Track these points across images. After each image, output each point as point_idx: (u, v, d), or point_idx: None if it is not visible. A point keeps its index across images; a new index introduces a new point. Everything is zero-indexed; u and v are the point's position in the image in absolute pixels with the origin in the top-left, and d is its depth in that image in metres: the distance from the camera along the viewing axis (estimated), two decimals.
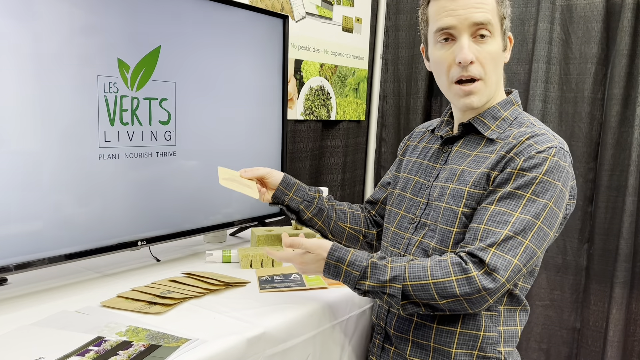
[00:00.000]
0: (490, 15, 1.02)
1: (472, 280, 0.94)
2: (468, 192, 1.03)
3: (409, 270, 0.98)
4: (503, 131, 1.07)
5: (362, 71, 2.39)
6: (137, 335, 0.93)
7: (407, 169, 1.22)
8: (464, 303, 0.96)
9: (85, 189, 1.17)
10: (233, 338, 0.94)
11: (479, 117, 1.08)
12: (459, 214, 1.04)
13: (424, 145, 1.22)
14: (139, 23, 1.22)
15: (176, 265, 1.35)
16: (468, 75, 1.04)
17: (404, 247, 1.12)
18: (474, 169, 1.05)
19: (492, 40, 1.03)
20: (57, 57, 1.09)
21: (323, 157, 2.24)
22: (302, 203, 1.25)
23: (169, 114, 1.31)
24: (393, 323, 1.11)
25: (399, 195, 1.20)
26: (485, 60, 1.03)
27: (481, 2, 1.02)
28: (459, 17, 1.02)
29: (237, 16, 1.46)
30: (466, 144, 1.10)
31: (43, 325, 0.96)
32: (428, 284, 0.96)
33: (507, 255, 0.96)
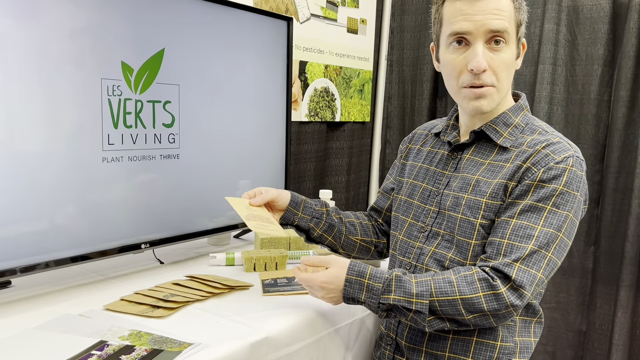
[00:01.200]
0: (507, 22, 1.00)
1: (501, 297, 0.94)
2: (486, 203, 1.02)
3: (435, 285, 0.97)
4: (516, 138, 1.05)
5: (367, 72, 2.39)
6: (139, 339, 0.93)
7: (413, 174, 1.19)
8: (490, 318, 0.96)
9: (89, 192, 1.17)
10: (236, 343, 0.94)
11: (491, 124, 1.07)
12: (477, 226, 1.02)
13: (429, 149, 1.19)
14: (143, 26, 1.22)
15: (180, 267, 1.35)
16: (480, 84, 1.02)
17: (415, 257, 1.10)
18: (490, 179, 1.03)
19: (507, 48, 1.01)
20: (62, 59, 1.09)
21: (328, 159, 2.23)
22: (311, 221, 1.23)
23: (172, 117, 1.31)
24: (405, 334, 1.10)
25: (406, 202, 1.18)
26: (499, 68, 1.01)
27: (499, 9, 0.99)
28: (476, 23, 0.99)
29: (242, 18, 1.46)
30: (478, 152, 1.08)
31: (46, 329, 0.96)
32: (456, 299, 0.95)
33: (532, 269, 0.96)
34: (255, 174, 1.57)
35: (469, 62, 1.00)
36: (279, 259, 1.35)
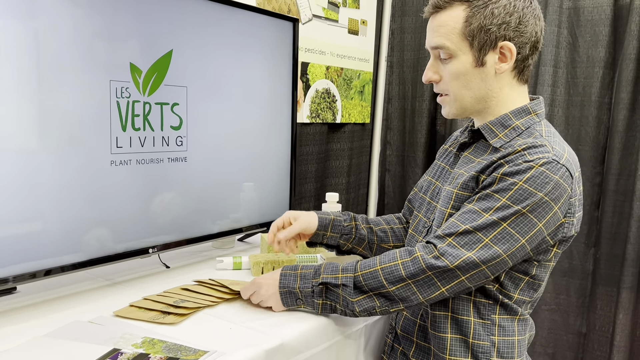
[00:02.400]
0: (444, 38, 1.04)
1: (416, 259, 0.98)
2: (456, 194, 1.06)
3: (361, 263, 1.04)
4: (509, 140, 1.06)
5: (367, 74, 2.38)
6: (153, 347, 0.91)
7: (432, 172, 1.25)
8: (412, 287, 0.99)
9: (98, 196, 1.15)
10: (252, 350, 0.92)
11: (489, 124, 1.09)
12: (446, 216, 1.07)
13: (448, 148, 1.25)
14: (151, 27, 1.20)
15: (186, 272, 1.33)
16: (436, 92, 1.13)
17: None
18: (468, 172, 1.07)
19: (455, 60, 1.05)
20: (71, 61, 1.07)
21: (328, 160, 2.22)
22: (340, 238, 1.27)
23: (180, 119, 1.29)
24: (400, 323, 1.15)
25: (421, 198, 1.23)
26: (447, 78, 1.07)
27: (439, 25, 1.05)
28: (426, 40, 1.10)
29: (247, 19, 1.44)
30: (475, 151, 1.12)
31: (56, 337, 0.94)
32: (376, 270, 1.01)
33: (462, 248, 0.97)
34: (261, 176, 1.55)
35: None
36: (287, 263, 1.33)
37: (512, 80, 1.08)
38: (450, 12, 1.04)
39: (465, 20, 1.02)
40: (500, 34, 1.03)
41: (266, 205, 1.59)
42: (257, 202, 1.55)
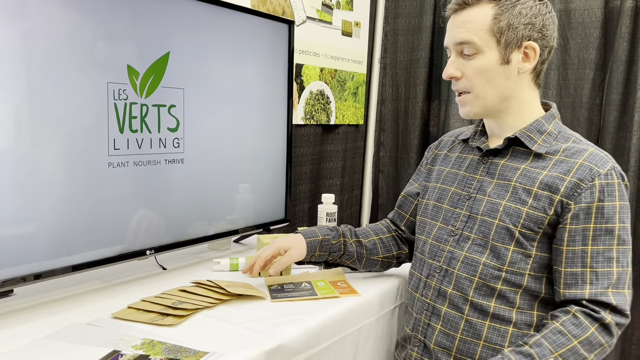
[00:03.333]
0: (472, 34, 1.05)
1: (610, 326, 0.98)
2: (527, 213, 1.04)
3: (549, 341, 0.98)
4: (550, 145, 1.08)
5: (361, 75, 2.39)
6: (153, 348, 0.91)
7: (441, 179, 1.21)
8: (607, 349, 0.99)
9: (95, 198, 1.15)
10: (251, 351, 0.93)
11: (525, 131, 1.09)
12: (516, 234, 1.05)
13: (457, 155, 1.22)
14: (148, 28, 1.21)
15: (183, 273, 1.33)
16: (455, 89, 1.12)
17: (446, 261, 1.12)
18: (529, 187, 1.05)
19: (481, 56, 1.06)
20: (68, 63, 1.07)
21: (323, 162, 2.23)
22: (329, 255, 1.27)
23: (177, 121, 1.29)
24: (434, 337, 1.11)
25: (435, 207, 1.19)
26: (470, 75, 1.08)
27: (465, 21, 1.07)
28: (448, 37, 1.11)
29: (243, 21, 1.44)
30: (512, 158, 1.10)
31: (55, 339, 0.94)
32: (575, 346, 0.97)
33: (624, 290, 1.00)
34: (257, 178, 1.56)
35: None
36: None
37: (531, 82, 1.10)
38: (478, 9, 1.06)
39: (494, 18, 1.04)
40: (526, 33, 1.05)
41: (262, 206, 1.59)
42: (252, 204, 1.56)
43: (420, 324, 1.14)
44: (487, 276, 1.06)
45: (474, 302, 1.07)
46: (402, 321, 1.34)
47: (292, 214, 2.04)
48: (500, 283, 1.06)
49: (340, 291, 1.23)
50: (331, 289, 1.24)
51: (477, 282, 1.07)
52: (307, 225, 2.10)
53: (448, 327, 1.10)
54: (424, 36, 2.33)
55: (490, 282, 1.06)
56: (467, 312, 1.07)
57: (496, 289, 1.06)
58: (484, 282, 1.07)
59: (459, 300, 1.08)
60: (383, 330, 1.28)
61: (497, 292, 1.06)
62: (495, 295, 1.06)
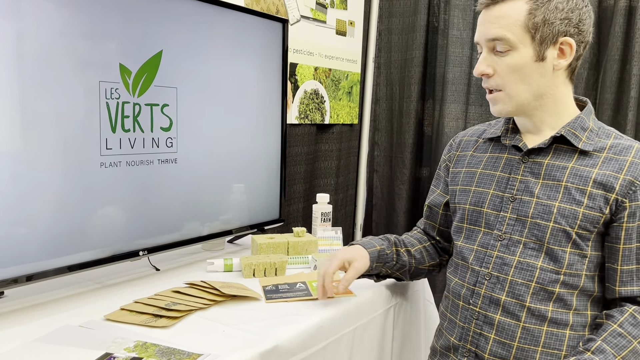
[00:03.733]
0: (505, 30, 1.01)
1: None
2: (583, 213, 1.02)
3: (610, 344, 0.98)
4: (595, 142, 1.06)
5: (355, 75, 2.38)
6: (146, 350, 0.90)
7: (474, 181, 1.17)
8: None
9: (87, 198, 1.13)
10: (246, 352, 0.92)
11: (570, 129, 1.06)
12: (572, 235, 1.03)
13: (488, 155, 1.17)
14: (141, 27, 1.19)
15: (176, 274, 1.32)
16: (486, 87, 1.08)
17: (497, 267, 1.08)
18: (582, 186, 1.03)
19: (515, 53, 1.02)
20: (59, 62, 1.05)
21: (317, 161, 2.22)
22: (383, 267, 1.22)
23: (170, 120, 1.28)
24: (488, 347, 1.07)
25: (474, 212, 1.14)
26: (503, 72, 1.04)
27: (498, 17, 1.02)
28: (479, 33, 1.07)
29: (237, 20, 1.43)
30: (557, 157, 1.07)
31: (47, 342, 0.93)
32: (636, 347, 0.98)
33: None
34: (251, 178, 1.55)
35: None
36: (279, 265, 1.33)
37: (566, 79, 1.07)
38: (512, 4, 1.02)
39: (529, 13, 1.01)
40: (563, 29, 1.01)
41: (256, 206, 1.58)
42: (247, 204, 1.55)
43: (469, 333, 1.10)
44: (545, 280, 1.04)
45: (532, 307, 1.04)
46: (398, 323, 1.34)
47: (286, 213, 2.03)
48: (558, 286, 1.03)
49: (335, 291, 1.22)
50: None
51: (534, 287, 1.04)
52: (301, 224, 2.10)
53: (503, 336, 1.06)
54: (418, 35, 2.32)
55: (549, 286, 1.03)
56: (524, 319, 1.04)
57: (554, 293, 1.03)
58: (541, 287, 1.04)
59: (514, 307, 1.05)
60: (378, 330, 1.27)
61: (555, 295, 1.04)
62: (553, 299, 1.04)
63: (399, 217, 2.42)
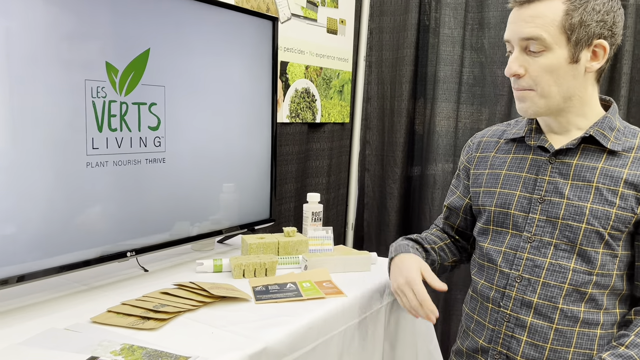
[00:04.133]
0: (542, 30, 1.00)
1: None
2: (615, 214, 1.02)
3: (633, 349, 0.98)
4: (623, 142, 1.06)
5: (347, 73, 2.37)
6: (132, 353, 0.89)
7: (499, 183, 1.16)
8: None
9: (73, 199, 1.11)
10: (234, 354, 0.91)
11: (599, 129, 1.06)
12: (605, 236, 1.03)
13: (512, 156, 1.16)
14: (127, 25, 1.17)
15: (165, 275, 1.31)
16: (517, 87, 1.06)
17: (527, 269, 1.08)
18: (613, 187, 1.03)
19: (549, 54, 1.01)
20: (44, 60, 1.03)
21: (309, 160, 2.21)
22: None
23: (158, 119, 1.26)
24: (520, 350, 1.08)
25: (500, 213, 1.14)
26: (535, 72, 1.02)
27: (534, 16, 1.00)
28: (512, 32, 1.04)
29: (226, 18, 1.42)
30: (585, 157, 1.07)
31: (32, 345, 0.91)
32: None
33: None
34: (241, 177, 1.53)
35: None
36: (269, 265, 1.32)
37: (594, 80, 1.06)
38: (549, 3, 1.00)
39: (566, 14, 0.99)
40: (598, 31, 1.00)
41: (246, 206, 1.57)
42: (237, 204, 1.53)
43: (500, 335, 1.10)
44: (578, 282, 1.04)
45: (564, 309, 1.04)
46: (389, 323, 1.33)
47: (277, 213, 2.02)
48: (591, 287, 1.04)
49: (325, 292, 1.21)
50: (316, 289, 1.22)
51: (567, 289, 1.04)
52: (293, 224, 2.09)
53: (536, 338, 1.06)
54: (410, 34, 2.32)
55: (581, 287, 1.04)
56: (557, 321, 1.05)
57: (587, 294, 1.04)
58: (575, 288, 1.04)
59: (547, 309, 1.05)
60: (369, 330, 1.26)
61: (587, 296, 1.04)
62: (585, 299, 1.04)
63: (390, 216, 2.41)
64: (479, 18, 2.23)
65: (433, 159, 2.32)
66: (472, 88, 2.27)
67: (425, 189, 2.36)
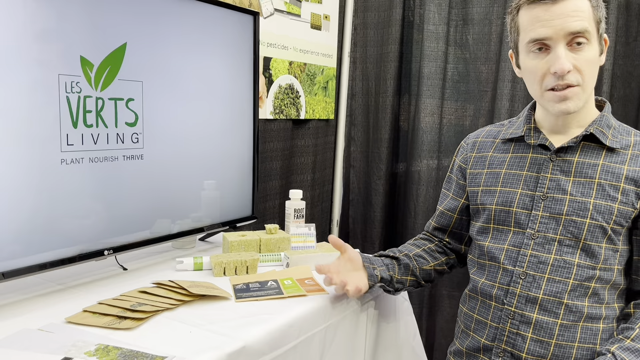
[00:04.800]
0: (587, 22, 1.01)
1: None
2: (618, 209, 1.04)
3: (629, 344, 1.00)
4: (620, 140, 1.09)
5: (331, 69, 2.36)
6: (107, 354, 0.87)
7: (499, 182, 1.16)
8: None
9: (47, 196, 1.09)
10: (212, 354, 0.89)
11: (598, 127, 1.08)
12: (608, 231, 1.04)
13: (510, 155, 1.17)
14: (103, 18, 1.15)
15: (144, 273, 1.28)
16: (565, 84, 1.03)
17: (532, 266, 1.09)
18: (614, 182, 1.05)
19: (589, 47, 1.02)
20: (13, 54, 1.00)
21: (293, 157, 2.19)
22: (387, 269, 1.21)
23: (135, 115, 1.24)
24: (526, 347, 1.08)
25: (502, 211, 1.15)
26: (583, 67, 1.03)
27: (577, 10, 1.01)
28: (555, 28, 1.01)
29: (206, 12, 1.40)
30: (585, 154, 1.09)
31: (3, 346, 0.89)
32: None
33: None
34: (223, 174, 1.51)
35: (552, 65, 1.02)
36: (250, 263, 1.30)
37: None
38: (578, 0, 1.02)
39: (593, 7, 1.02)
40: (604, 26, 1.05)
41: (228, 203, 1.55)
42: (218, 201, 1.51)
43: (504, 333, 1.11)
44: (583, 276, 1.05)
45: (569, 304, 1.06)
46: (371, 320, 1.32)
47: (262, 210, 2.00)
48: (594, 281, 1.05)
49: (307, 289, 1.20)
50: (298, 287, 1.21)
51: (572, 284, 1.06)
52: (277, 221, 2.07)
53: (541, 334, 1.07)
54: (394, 30, 2.31)
55: (586, 282, 1.06)
56: (562, 316, 1.06)
57: (590, 288, 1.06)
58: (579, 283, 1.06)
59: (552, 304, 1.06)
60: (351, 328, 1.25)
61: (590, 290, 1.06)
62: (589, 294, 1.06)
63: (375, 212, 2.40)
64: (463, 14, 2.23)
65: (418, 155, 2.32)
66: (457, 84, 2.27)
67: (410, 185, 2.36)
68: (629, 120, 1.98)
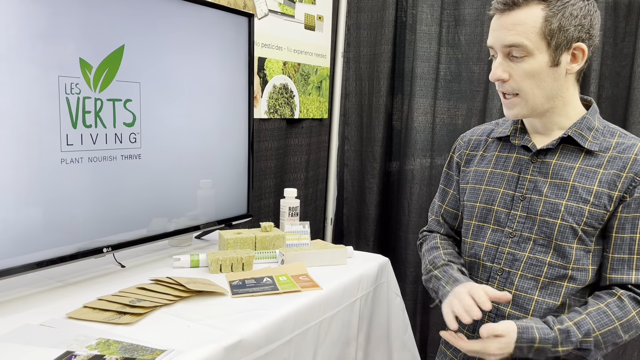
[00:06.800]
0: (523, 37, 1.02)
1: None
2: (589, 211, 1.06)
3: (593, 320, 1.03)
4: (601, 142, 1.10)
5: (325, 69, 2.39)
6: (108, 348, 0.90)
7: (484, 180, 1.20)
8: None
9: (48, 195, 1.11)
10: (210, 347, 0.92)
11: (577, 129, 1.10)
12: (579, 232, 1.07)
13: (497, 154, 1.20)
14: (102, 21, 1.17)
15: (142, 271, 1.31)
16: (502, 91, 1.10)
17: (508, 263, 1.13)
18: (587, 185, 1.07)
19: (530, 59, 1.04)
20: (16, 56, 1.03)
21: (287, 156, 2.22)
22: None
23: (133, 116, 1.26)
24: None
25: (484, 209, 1.18)
26: (519, 77, 1.06)
27: (515, 23, 1.03)
28: (495, 38, 1.07)
29: (202, 14, 1.42)
30: (564, 156, 1.11)
31: (5, 341, 0.91)
32: (615, 327, 1.03)
33: None
34: (218, 173, 1.54)
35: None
36: (246, 260, 1.33)
37: (574, 81, 1.10)
38: (528, 11, 1.02)
39: (545, 20, 1.02)
40: (576, 35, 1.03)
41: (224, 202, 1.58)
42: (214, 199, 1.54)
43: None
44: (553, 275, 1.08)
45: (539, 300, 1.09)
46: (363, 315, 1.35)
47: (257, 209, 2.03)
48: (567, 281, 1.08)
49: (302, 285, 1.23)
50: (293, 283, 1.24)
51: (542, 282, 1.09)
52: (272, 220, 2.10)
53: None
54: (387, 30, 2.34)
55: (557, 281, 1.08)
56: (532, 312, 1.09)
57: (563, 287, 1.09)
58: (550, 281, 1.09)
59: (523, 300, 1.10)
60: (344, 323, 1.28)
61: (563, 290, 1.09)
62: (562, 293, 1.09)
63: (369, 210, 2.44)
64: (455, 15, 2.26)
65: (411, 154, 2.35)
66: (449, 84, 2.31)
67: (403, 183, 2.39)
68: (616, 120, 2.02)
